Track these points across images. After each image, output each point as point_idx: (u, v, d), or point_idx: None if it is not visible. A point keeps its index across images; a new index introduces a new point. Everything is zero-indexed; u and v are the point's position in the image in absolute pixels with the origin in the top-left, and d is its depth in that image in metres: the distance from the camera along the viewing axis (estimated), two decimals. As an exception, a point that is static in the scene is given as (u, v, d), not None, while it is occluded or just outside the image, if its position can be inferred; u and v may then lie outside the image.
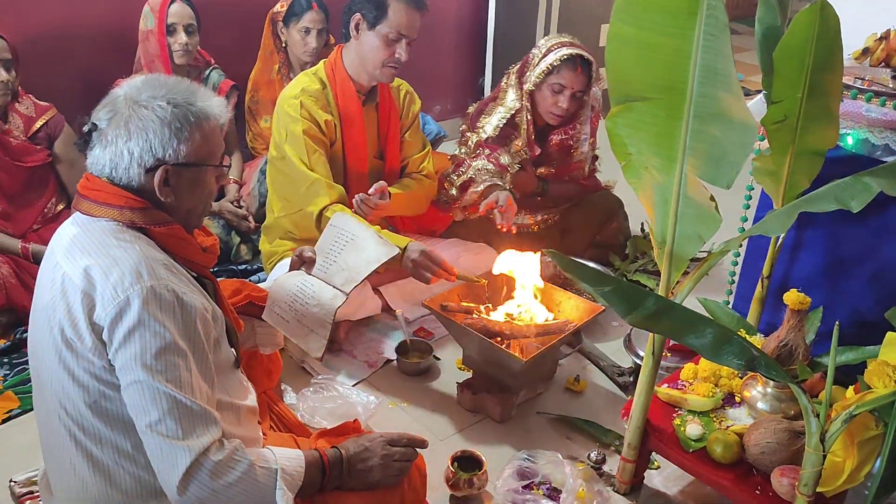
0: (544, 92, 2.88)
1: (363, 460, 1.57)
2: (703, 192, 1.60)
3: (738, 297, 2.48)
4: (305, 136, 2.53)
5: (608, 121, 1.62)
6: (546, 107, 2.91)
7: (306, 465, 1.48)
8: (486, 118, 2.98)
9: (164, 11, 3.03)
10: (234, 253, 3.19)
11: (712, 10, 1.40)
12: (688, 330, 1.52)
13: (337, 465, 1.54)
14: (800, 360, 1.83)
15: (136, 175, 1.40)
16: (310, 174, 2.52)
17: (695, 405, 1.98)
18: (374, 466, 1.57)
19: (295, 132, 2.54)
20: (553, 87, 2.86)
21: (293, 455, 1.48)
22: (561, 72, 2.83)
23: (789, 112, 1.84)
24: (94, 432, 1.40)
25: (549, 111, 2.92)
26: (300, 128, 2.53)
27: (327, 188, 2.52)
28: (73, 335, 1.35)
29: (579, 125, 3.00)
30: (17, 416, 2.29)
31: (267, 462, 1.42)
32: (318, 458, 1.52)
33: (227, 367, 1.57)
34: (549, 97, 2.88)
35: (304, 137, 2.53)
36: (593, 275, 1.52)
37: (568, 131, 3.01)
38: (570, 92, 2.85)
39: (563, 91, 2.86)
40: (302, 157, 2.53)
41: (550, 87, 2.86)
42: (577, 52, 2.82)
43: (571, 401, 2.45)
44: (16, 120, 2.78)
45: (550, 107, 2.90)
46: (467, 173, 2.90)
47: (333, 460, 1.54)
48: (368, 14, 2.49)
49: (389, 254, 2.00)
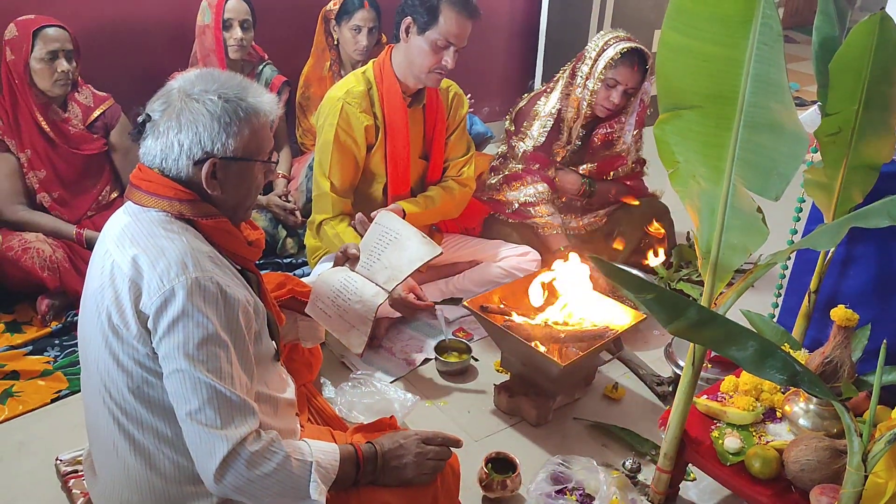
0: (598, 87, 2.87)
1: (398, 457, 1.58)
2: (751, 203, 1.58)
3: (784, 310, 2.43)
4: (335, 142, 2.57)
5: (656, 128, 1.61)
6: (598, 100, 2.90)
7: (341, 460, 1.49)
8: (532, 122, 2.97)
9: (222, 7, 3.09)
10: (280, 246, 3.24)
11: (767, 19, 1.38)
12: (730, 342, 1.49)
13: (371, 460, 1.55)
14: (845, 377, 1.79)
15: (185, 167, 1.43)
16: (322, 184, 2.59)
17: (734, 418, 1.95)
18: (409, 464, 1.58)
19: (326, 137, 2.58)
20: (608, 81, 2.85)
21: (328, 449, 1.50)
22: (618, 67, 2.82)
23: (844, 125, 1.80)
24: (137, 416, 1.44)
25: (600, 104, 2.91)
26: (332, 134, 2.56)
27: (332, 204, 2.59)
28: (120, 322, 1.39)
29: (625, 117, 3.00)
30: (65, 397, 2.36)
31: (302, 454, 1.44)
32: (352, 453, 1.53)
33: (268, 360, 1.59)
34: (603, 91, 2.87)
35: (332, 144, 2.56)
36: (636, 282, 1.50)
37: (613, 125, 3.01)
38: (623, 88, 2.85)
39: (616, 86, 2.85)
40: (323, 164, 2.59)
41: (605, 81, 2.85)
42: (635, 47, 2.81)
43: (609, 408, 2.43)
44: (75, 109, 2.86)
45: (602, 100, 2.89)
46: (525, 192, 3.00)
47: (368, 456, 1.55)
48: (420, 19, 2.49)
49: (432, 253, 2.02)
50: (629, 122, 3.01)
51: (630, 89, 2.86)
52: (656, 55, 1.53)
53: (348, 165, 2.62)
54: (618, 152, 3.07)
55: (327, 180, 2.60)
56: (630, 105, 2.97)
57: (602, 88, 2.87)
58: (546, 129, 2.94)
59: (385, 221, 2.14)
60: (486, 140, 3.88)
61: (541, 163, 2.99)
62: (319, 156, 2.62)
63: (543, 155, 2.99)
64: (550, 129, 2.94)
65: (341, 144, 2.58)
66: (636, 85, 2.86)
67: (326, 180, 2.60)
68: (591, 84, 2.86)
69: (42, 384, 2.40)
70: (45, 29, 2.68)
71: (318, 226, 2.64)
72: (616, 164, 3.10)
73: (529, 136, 2.97)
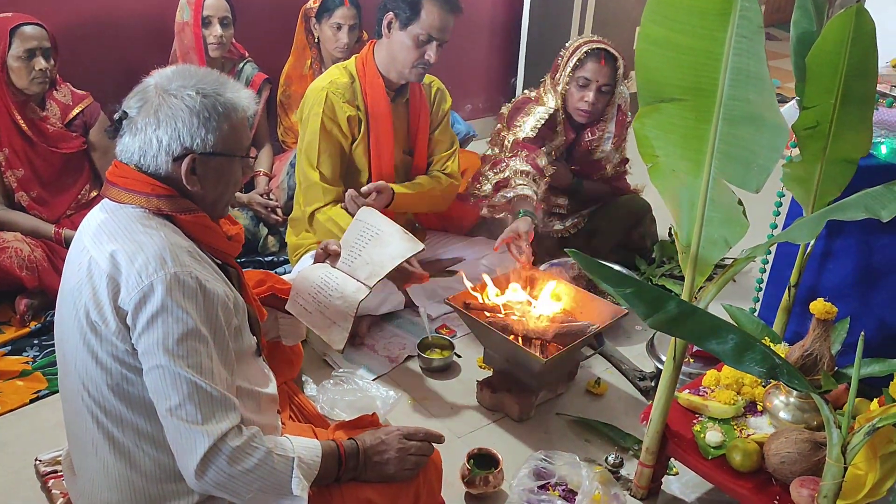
0: (572, 89, 2.90)
1: (380, 453, 1.58)
2: (731, 195, 1.59)
3: (765, 305, 2.45)
4: (321, 131, 2.56)
5: (636, 122, 1.61)
6: (574, 103, 2.92)
7: (323, 456, 1.49)
8: (525, 118, 2.97)
9: (201, 4, 3.07)
10: (261, 245, 3.22)
11: (746, 11, 1.38)
12: (710, 335, 1.50)
13: (353, 456, 1.55)
14: (824, 370, 1.80)
15: (164, 163, 1.41)
16: (310, 175, 2.59)
17: (716, 412, 1.96)
18: (391, 459, 1.58)
19: (312, 126, 2.58)
20: (578, 81, 2.88)
21: (310, 445, 1.49)
22: (585, 65, 2.86)
23: (822, 118, 1.81)
24: (116, 414, 1.42)
25: (576, 108, 2.92)
26: (317, 123, 2.57)
27: (322, 192, 2.58)
28: (98, 318, 1.37)
29: (604, 122, 3.01)
30: (44, 397, 2.34)
31: (284, 450, 1.43)
32: (334, 449, 1.53)
33: (249, 355, 1.58)
34: (576, 93, 2.90)
35: (318, 133, 2.56)
36: (615, 276, 1.51)
37: (595, 132, 3.01)
38: (595, 85, 2.87)
39: (588, 85, 2.87)
40: (310, 155, 2.59)
41: (576, 81, 2.88)
42: (601, 47, 2.85)
43: (591, 403, 2.44)
44: (53, 107, 2.83)
45: (577, 102, 2.91)
46: (504, 172, 2.88)
47: (350, 452, 1.55)
48: (402, 14, 2.50)
49: (414, 249, 2.01)
50: (608, 129, 3.02)
51: (603, 86, 2.87)
52: (636, 49, 1.54)
53: (335, 154, 2.62)
54: (596, 160, 3.08)
55: (315, 171, 2.59)
56: (608, 112, 2.98)
57: (575, 89, 2.89)
58: (539, 125, 2.93)
59: (366, 217, 2.13)
60: (468, 138, 3.88)
61: (528, 150, 2.93)
62: (306, 147, 2.61)
63: (532, 146, 2.97)
64: (544, 126, 2.94)
65: (328, 133, 2.58)
66: (607, 80, 2.87)
67: (315, 171, 2.59)
68: (561, 88, 2.90)
69: (21, 384, 2.37)
70: (23, 27, 2.65)
71: (310, 216, 2.63)
72: (597, 167, 3.11)
73: (522, 129, 2.97)
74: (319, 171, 2.59)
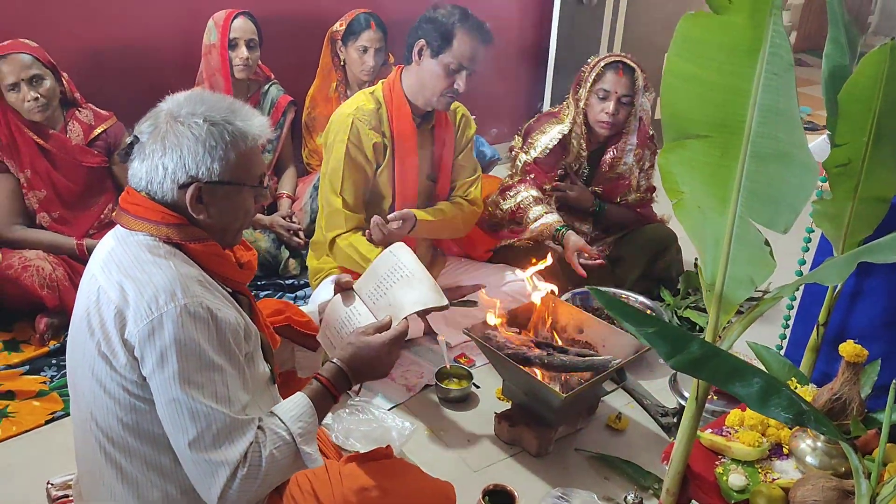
0: (592, 101, 2.91)
1: (363, 360, 1.61)
2: (758, 235, 1.54)
3: (792, 342, 2.38)
4: (345, 158, 2.55)
5: (661, 157, 1.57)
6: (594, 115, 2.92)
7: (316, 407, 1.48)
8: (539, 136, 2.98)
9: (228, 26, 3.09)
10: (282, 267, 3.21)
11: (776, 48, 1.34)
12: (734, 378, 1.45)
13: (342, 379, 1.57)
14: (853, 415, 1.74)
15: (170, 190, 1.41)
16: (334, 201, 2.57)
17: (739, 454, 1.90)
18: (375, 360, 1.63)
19: (337, 152, 2.57)
20: (598, 93, 2.88)
21: (300, 408, 1.47)
22: (604, 76, 2.87)
23: (853, 156, 1.76)
24: (124, 445, 1.41)
25: (597, 119, 2.92)
26: (342, 149, 2.55)
27: (345, 219, 2.57)
28: (107, 349, 1.37)
29: (626, 134, 3.00)
30: (60, 419, 2.34)
31: (282, 439, 1.41)
32: (320, 389, 1.52)
33: (262, 383, 1.57)
34: (596, 105, 2.90)
35: (343, 160, 2.55)
36: (636, 315, 1.47)
37: (617, 144, 3.01)
38: (615, 96, 2.87)
39: (608, 96, 2.87)
40: (334, 181, 2.57)
41: (596, 94, 2.89)
42: (619, 59, 2.87)
43: (612, 439, 2.38)
44: (75, 128, 2.84)
45: (598, 114, 2.91)
46: (516, 198, 2.89)
47: (337, 378, 1.56)
48: (433, 42, 2.50)
49: (439, 302, 1.94)
50: (630, 140, 3.01)
51: (622, 97, 2.87)
52: (661, 83, 1.50)
53: (360, 181, 2.61)
54: (619, 173, 3.05)
55: (339, 197, 2.58)
56: (629, 124, 2.96)
57: (595, 102, 2.90)
58: (551, 145, 2.95)
59: (399, 253, 2.04)
60: (492, 162, 3.87)
61: (538, 175, 2.99)
62: (331, 173, 2.59)
63: (543, 168, 2.99)
64: (556, 147, 2.95)
65: (352, 160, 2.57)
66: (626, 91, 2.87)
67: (338, 197, 2.58)
68: (582, 102, 2.91)
69: (37, 405, 2.38)
70: (5, 58, 2.61)
71: (330, 242, 2.61)
72: (621, 186, 3.08)
73: (534, 147, 2.99)
74: (342, 198, 2.58)
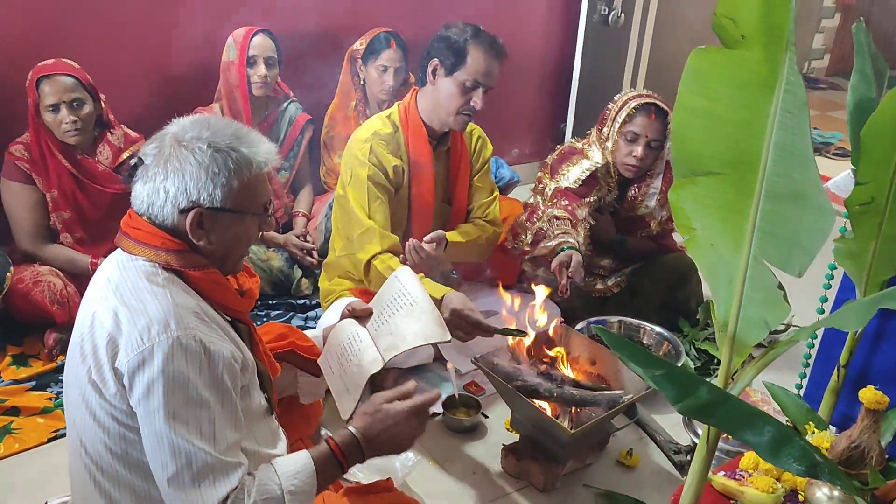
0: (620, 143, 2.82)
1: (382, 431, 1.50)
2: (772, 278, 1.47)
3: (812, 383, 2.30)
4: (369, 181, 2.52)
5: (671, 193, 1.51)
6: (621, 157, 2.84)
7: (318, 472, 1.41)
8: (569, 167, 2.90)
9: (247, 43, 3.08)
10: (294, 286, 3.19)
11: (791, 85, 1.29)
12: (744, 425, 1.38)
13: (353, 447, 1.48)
14: (872, 464, 1.67)
15: (171, 214, 1.39)
16: (365, 221, 2.50)
17: (752, 500, 1.82)
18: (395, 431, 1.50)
19: (360, 176, 2.53)
20: (627, 135, 2.80)
21: (299, 468, 1.41)
22: (634, 119, 2.78)
23: (877, 195, 1.69)
24: (113, 473, 1.40)
25: (623, 162, 2.84)
26: (365, 173, 2.52)
27: (380, 237, 2.49)
28: (97, 377, 1.36)
29: (650, 177, 2.92)
30: (62, 437, 2.31)
31: (270, 492, 1.36)
32: (328, 453, 1.45)
33: (258, 415, 1.55)
34: (624, 147, 2.82)
35: (367, 183, 2.51)
36: (643, 356, 1.41)
37: (641, 187, 2.92)
38: (644, 140, 2.79)
39: (637, 140, 2.79)
40: (362, 203, 2.52)
41: (625, 135, 2.80)
42: (652, 101, 2.77)
43: (622, 475, 2.31)
44: (105, 150, 2.82)
45: (625, 157, 2.82)
46: (542, 220, 2.81)
47: (349, 447, 1.47)
48: (447, 60, 2.48)
49: (442, 337, 1.89)
50: (654, 184, 2.93)
51: (652, 141, 2.79)
52: (672, 119, 1.45)
53: (386, 202, 2.57)
54: (640, 216, 2.98)
55: (370, 220, 2.52)
56: (656, 166, 2.89)
57: (623, 144, 2.81)
58: (584, 177, 2.85)
59: (405, 280, 1.99)
60: (511, 184, 3.82)
61: (569, 199, 2.85)
62: (356, 194, 2.54)
63: (574, 196, 2.87)
64: (589, 178, 2.86)
65: (376, 182, 2.54)
66: (657, 135, 2.79)
67: (367, 216, 2.52)
68: (611, 144, 2.82)
69: (41, 422, 2.36)
70: (49, 78, 2.61)
71: (366, 265, 2.51)
72: (640, 227, 3.02)
73: (566, 177, 2.89)
74: (374, 220, 2.53)
